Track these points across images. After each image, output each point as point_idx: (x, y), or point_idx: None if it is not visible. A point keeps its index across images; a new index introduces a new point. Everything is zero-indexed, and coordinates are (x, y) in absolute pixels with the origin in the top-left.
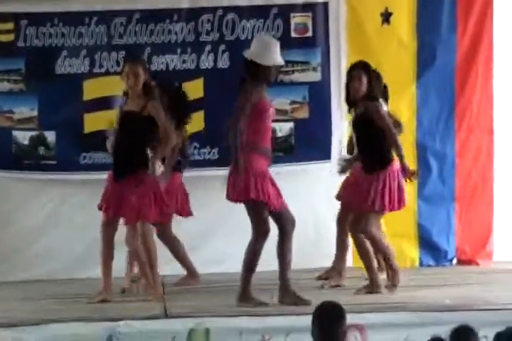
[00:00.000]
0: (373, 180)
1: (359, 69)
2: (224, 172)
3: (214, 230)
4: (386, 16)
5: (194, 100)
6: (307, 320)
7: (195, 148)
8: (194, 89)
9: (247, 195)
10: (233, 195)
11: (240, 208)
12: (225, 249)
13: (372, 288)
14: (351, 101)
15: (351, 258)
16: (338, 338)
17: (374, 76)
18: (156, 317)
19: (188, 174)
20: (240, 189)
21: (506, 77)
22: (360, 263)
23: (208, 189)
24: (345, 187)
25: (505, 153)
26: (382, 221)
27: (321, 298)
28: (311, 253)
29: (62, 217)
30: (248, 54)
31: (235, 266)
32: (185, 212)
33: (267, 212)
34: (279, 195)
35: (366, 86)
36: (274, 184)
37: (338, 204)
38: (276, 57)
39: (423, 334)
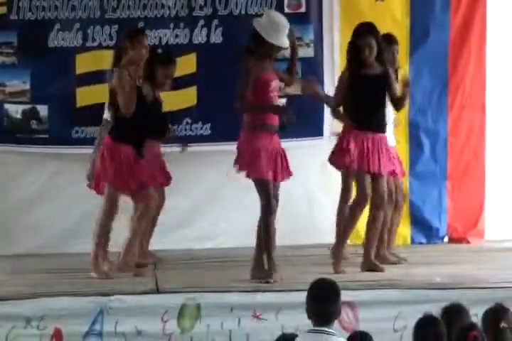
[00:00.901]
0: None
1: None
2: (216, 147)
3: (206, 206)
4: None
5: (187, 75)
6: (298, 296)
7: (187, 123)
8: (187, 64)
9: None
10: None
11: (232, 184)
12: (217, 224)
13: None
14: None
15: None
16: (334, 315)
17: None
18: (147, 293)
19: (175, 149)
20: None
21: (499, 54)
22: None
23: (200, 164)
24: None
25: (497, 131)
26: None
27: (311, 275)
28: (305, 229)
29: (54, 191)
30: (259, 28)
31: (228, 241)
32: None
33: (267, 187)
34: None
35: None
36: (273, 159)
37: (331, 180)
38: (284, 39)
39: (414, 312)
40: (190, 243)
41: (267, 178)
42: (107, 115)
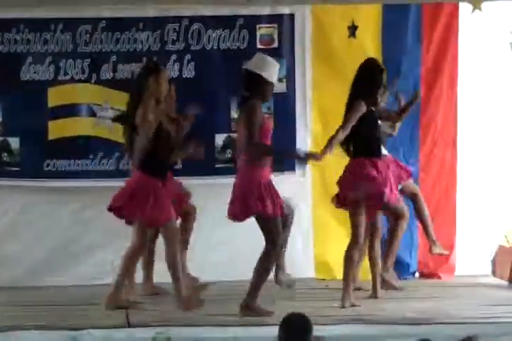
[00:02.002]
0: None
1: None
2: (186, 181)
3: None
4: (352, 29)
5: None
6: (269, 331)
7: None
8: None
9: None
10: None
11: (203, 217)
12: (190, 258)
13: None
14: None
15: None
16: None
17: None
18: (118, 326)
19: None
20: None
21: (470, 90)
22: (323, 275)
23: None
24: None
25: (468, 168)
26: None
27: (286, 309)
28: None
29: (25, 224)
30: (254, 67)
31: (198, 274)
32: None
33: (271, 223)
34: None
35: None
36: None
37: (303, 215)
38: (275, 78)
39: None
40: (162, 276)
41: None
42: None
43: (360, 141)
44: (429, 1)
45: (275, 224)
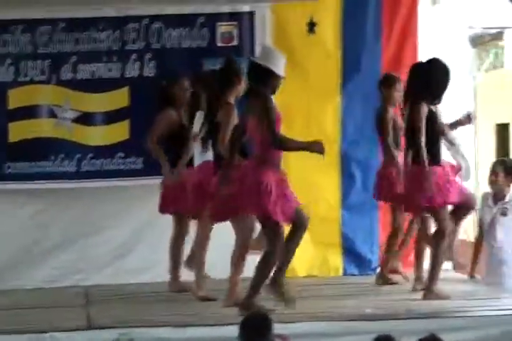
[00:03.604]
0: None
1: None
2: (148, 181)
3: (138, 239)
4: (311, 26)
5: (119, 109)
6: (230, 330)
7: (120, 157)
8: (119, 98)
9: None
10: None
11: (163, 217)
12: (149, 257)
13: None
14: None
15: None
16: None
17: None
18: (80, 329)
19: (112, 183)
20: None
21: None
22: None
23: (132, 198)
24: None
25: None
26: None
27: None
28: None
29: None
30: (263, 60)
31: (161, 274)
32: None
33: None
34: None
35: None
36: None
37: None
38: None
39: None
40: (123, 277)
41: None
42: None
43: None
44: None
45: (276, 227)
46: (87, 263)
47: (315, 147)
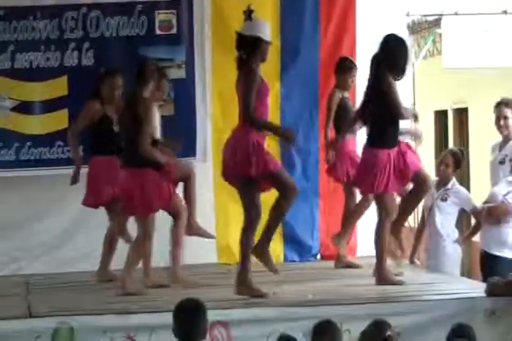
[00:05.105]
0: None
1: None
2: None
3: (75, 229)
4: (248, 13)
5: (58, 98)
6: (171, 317)
7: (59, 146)
8: (58, 87)
9: None
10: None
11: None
12: (86, 247)
13: None
14: None
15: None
16: (198, 335)
17: None
18: (19, 317)
19: (51, 172)
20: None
21: (367, 72)
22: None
23: (71, 187)
24: None
25: None
26: None
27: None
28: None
29: None
30: (249, 31)
31: (98, 263)
32: None
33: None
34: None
35: None
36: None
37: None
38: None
39: (287, 329)
40: (60, 266)
41: None
42: None
43: None
44: None
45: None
46: (26, 251)
47: (285, 132)
